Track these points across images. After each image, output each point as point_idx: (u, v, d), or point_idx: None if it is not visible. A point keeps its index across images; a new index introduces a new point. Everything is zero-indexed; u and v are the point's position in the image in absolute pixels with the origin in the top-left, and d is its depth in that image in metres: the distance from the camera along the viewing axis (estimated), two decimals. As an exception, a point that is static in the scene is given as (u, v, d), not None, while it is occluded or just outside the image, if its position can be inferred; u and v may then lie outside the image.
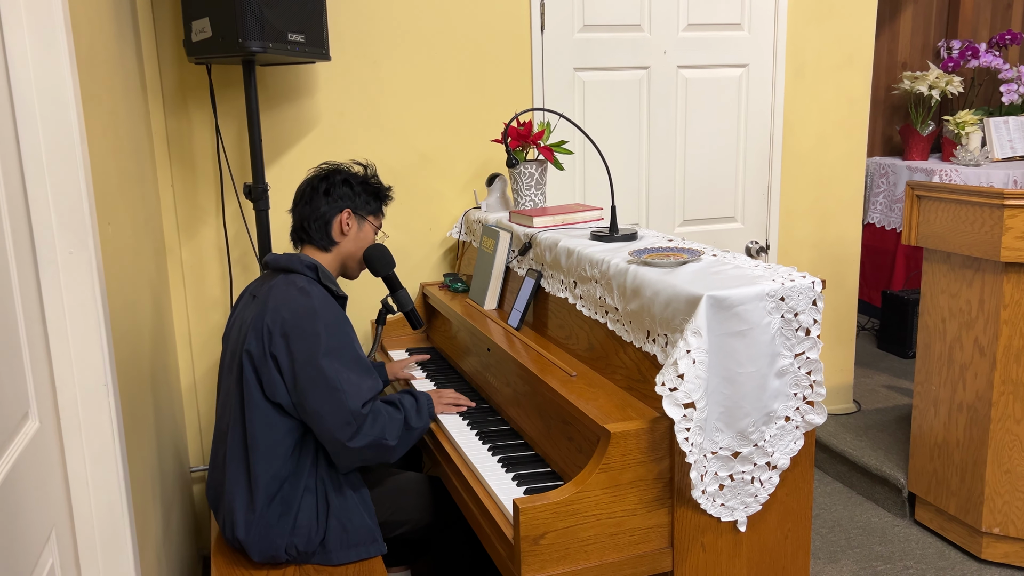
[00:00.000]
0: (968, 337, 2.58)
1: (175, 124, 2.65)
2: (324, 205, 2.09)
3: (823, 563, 2.67)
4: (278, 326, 1.89)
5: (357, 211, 2.12)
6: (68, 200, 1.39)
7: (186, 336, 2.76)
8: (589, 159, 3.14)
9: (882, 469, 3.01)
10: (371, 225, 2.17)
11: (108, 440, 1.46)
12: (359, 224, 2.14)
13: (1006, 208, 2.37)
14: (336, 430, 1.88)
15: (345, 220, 2.10)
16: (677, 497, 1.64)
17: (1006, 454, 2.52)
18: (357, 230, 2.13)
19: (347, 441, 1.88)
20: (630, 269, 1.80)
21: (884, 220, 4.67)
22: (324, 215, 2.09)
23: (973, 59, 4.69)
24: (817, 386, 1.68)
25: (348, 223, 2.10)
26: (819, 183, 3.46)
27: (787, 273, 1.68)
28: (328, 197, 2.09)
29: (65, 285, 1.40)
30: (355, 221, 2.12)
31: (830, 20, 3.33)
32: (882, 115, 4.98)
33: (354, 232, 2.13)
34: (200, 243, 2.73)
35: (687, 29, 3.16)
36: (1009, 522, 2.56)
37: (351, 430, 1.88)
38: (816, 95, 3.38)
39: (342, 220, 2.10)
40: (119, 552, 1.50)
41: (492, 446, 1.99)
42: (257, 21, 2.20)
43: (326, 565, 1.96)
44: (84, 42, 1.60)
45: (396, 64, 2.85)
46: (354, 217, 2.12)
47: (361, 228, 2.14)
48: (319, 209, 2.09)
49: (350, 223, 2.11)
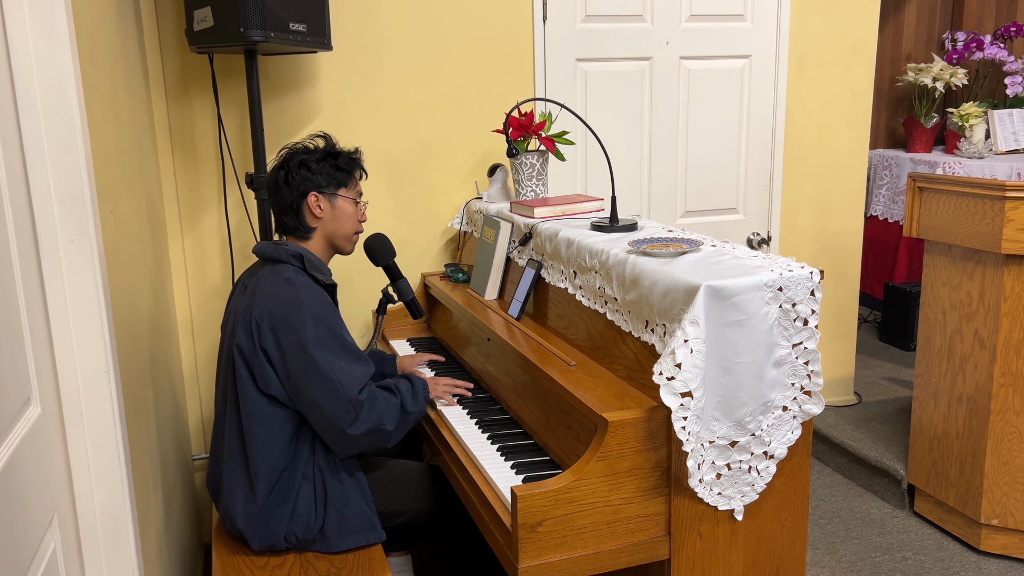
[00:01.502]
0: (968, 329, 2.58)
1: (177, 113, 2.65)
2: (288, 194, 2.02)
3: (822, 554, 2.68)
4: (266, 319, 1.88)
5: (323, 190, 2.04)
6: (69, 188, 1.40)
7: (188, 324, 2.77)
8: (590, 150, 3.14)
9: (882, 461, 3.02)
10: (344, 198, 2.07)
11: (109, 426, 1.47)
12: (331, 202, 2.05)
13: (1007, 200, 2.37)
14: (335, 418, 1.89)
15: (314, 204, 2.02)
16: (674, 486, 1.65)
17: (1005, 446, 2.53)
18: (331, 209, 2.05)
19: (347, 428, 1.89)
20: (629, 259, 1.81)
21: (887, 212, 4.67)
22: (292, 204, 2.02)
23: (978, 51, 4.67)
24: (815, 376, 1.68)
25: (319, 206, 2.03)
26: (821, 175, 3.45)
27: (785, 263, 1.68)
28: (288, 185, 2.02)
29: (66, 272, 1.41)
30: (325, 201, 2.04)
31: (833, 11, 3.32)
32: (886, 107, 4.96)
33: (328, 212, 2.05)
34: (202, 232, 2.74)
35: (689, 20, 3.16)
36: (1008, 514, 2.56)
37: (350, 417, 1.89)
38: (819, 87, 3.37)
39: (310, 205, 2.02)
40: (120, 538, 1.51)
41: (491, 435, 2.00)
42: (259, 10, 2.20)
43: (326, 552, 1.98)
44: (85, 30, 1.60)
45: (398, 54, 2.85)
46: (323, 197, 2.04)
47: (335, 205, 2.05)
48: (286, 199, 2.02)
49: (321, 205, 2.03)
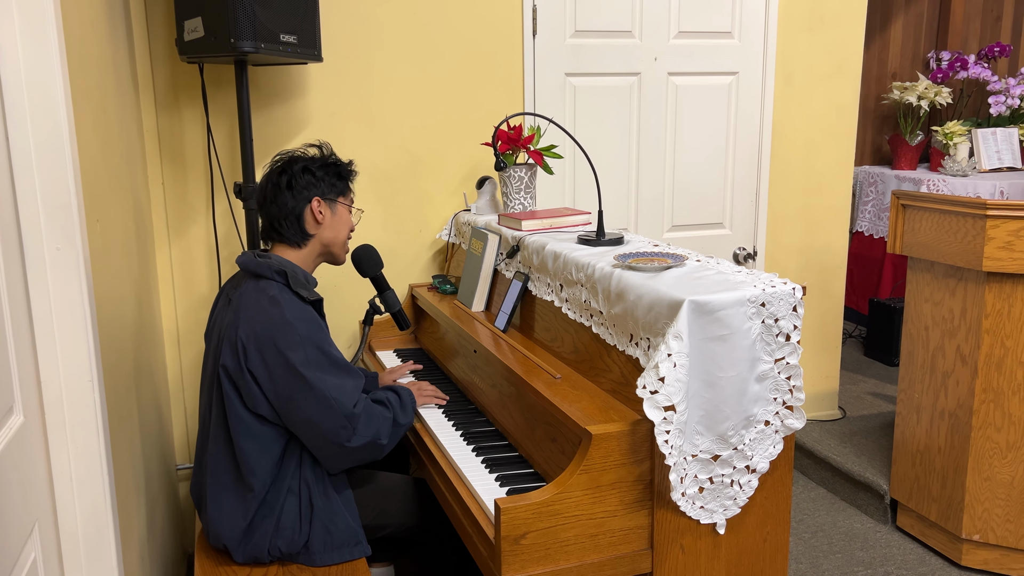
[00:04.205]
0: (951, 345, 2.61)
1: (167, 122, 2.66)
2: (291, 199, 2.00)
3: (805, 568, 2.69)
4: (252, 341, 1.86)
5: (326, 196, 2.03)
6: (56, 196, 1.40)
7: (174, 334, 2.76)
8: (579, 163, 3.16)
9: (865, 475, 3.03)
10: (343, 206, 2.08)
11: (93, 436, 1.47)
12: (331, 209, 2.05)
13: (988, 218, 2.40)
14: (331, 434, 1.88)
15: (316, 209, 2.01)
16: (657, 499, 1.66)
17: (986, 461, 2.55)
18: (331, 215, 2.05)
19: (346, 442, 1.88)
20: (615, 273, 1.82)
21: (872, 229, 4.71)
22: (294, 209, 2.00)
23: (962, 70, 4.73)
24: (796, 391, 1.70)
25: (320, 211, 2.02)
26: (807, 191, 3.49)
27: (768, 279, 1.70)
28: (292, 190, 2.00)
29: (52, 281, 1.41)
30: (327, 207, 2.04)
31: (820, 30, 3.37)
32: (872, 124, 5.02)
33: (328, 218, 2.04)
34: (190, 241, 2.74)
35: (678, 36, 3.19)
36: (989, 529, 2.58)
37: (347, 432, 1.88)
38: (805, 104, 3.41)
39: (313, 210, 2.01)
40: (102, 548, 1.50)
41: (476, 447, 2.00)
42: (249, 21, 2.21)
43: (309, 566, 1.97)
44: (75, 39, 1.61)
45: (388, 67, 2.86)
46: (324, 203, 2.03)
47: (335, 212, 2.06)
48: (287, 205, 2.00)
49: (322, 211, 2.02)
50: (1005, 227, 2.39)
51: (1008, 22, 5.18)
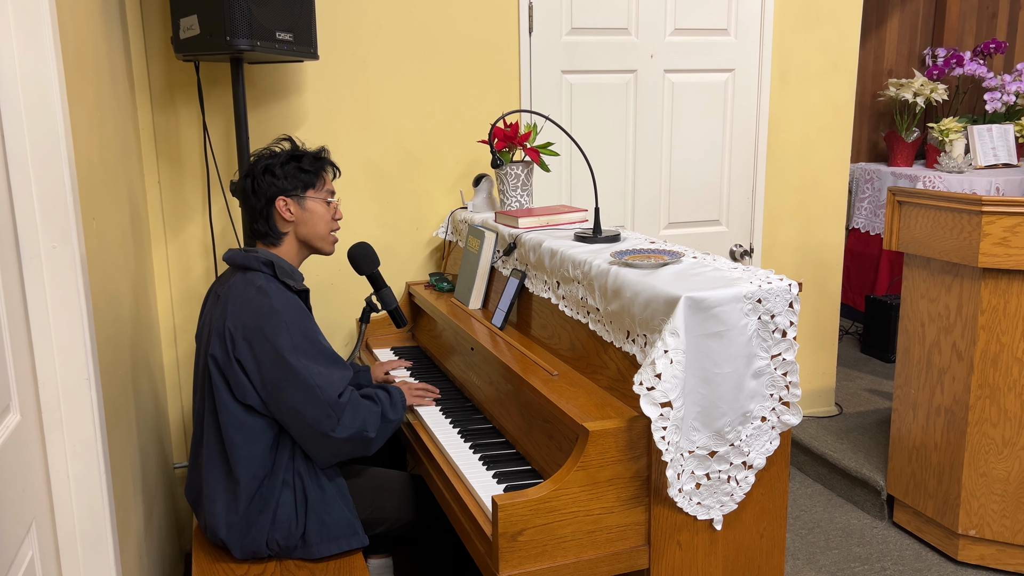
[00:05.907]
0: (946, 342, 2.62)
1: (162, 120, 2.65)
2: (257, 201, 2.03)
3: (802, 564, 2.70)
4: (239, 330, 1.88)
5: (289, 194, 2.03)
6: (52, 194, 1.40)
7: (171, 332, 2.76)
8: (575, 161, 3.16)
9: (861, 471, 3.04)
10: (314, 199, 2.06)
11: (90, 434, 1.47)
12: (300, 204, 2.04)
13: (984, 215, 2.40)
14: (316, 424, 1.89)
15: (283, 208, 2.02)
16: (654, 495, 1.66)
17: (982, 457, 2.56)
18: (301, 211, 2.05)
19: (331, 432, 1.89)
20: (611, 270, 1.82)
21: (869, 225, 4.72)
22: (262, 211, 2.03)
23: (958, 67, 4.74)
24: (793, 387, 1.70)
25: (288, 209, 2.03)
26: (803, 188, 3.49)
27: (764, 276, 1.70)
28: (256, 193, 2.03)
29: (48, 279, 1.41)
30: (294, 203, 2.04)
31: (816, 27, 3.37)
32: (868, 121, 5.02)
33: (299, 215, 2.04)
34: (186, 239, 2.73)
35: (674, 34, 3.19)
36: (985, 524, 2.59)
37: (333, 421, 1.89)
38: (801, 101, 3.41)
39: (279, 209, 2.03)
40: (99, 546, 1.50)
41: (474, 444, 2.00)
42: (245, 19, 2.21)
43: (307, 559, 1.97)
44: (70, 37, 1.61)
45: (384, 64, 2.86)
46: (291, 201, 2.03)
47: (304, 207, 2.05)
48: (255, 207, 2.03)
49: (291, 208, 2.03)
50: (1001, 223, 2.39)
51: (1004, 19, 5.18)
